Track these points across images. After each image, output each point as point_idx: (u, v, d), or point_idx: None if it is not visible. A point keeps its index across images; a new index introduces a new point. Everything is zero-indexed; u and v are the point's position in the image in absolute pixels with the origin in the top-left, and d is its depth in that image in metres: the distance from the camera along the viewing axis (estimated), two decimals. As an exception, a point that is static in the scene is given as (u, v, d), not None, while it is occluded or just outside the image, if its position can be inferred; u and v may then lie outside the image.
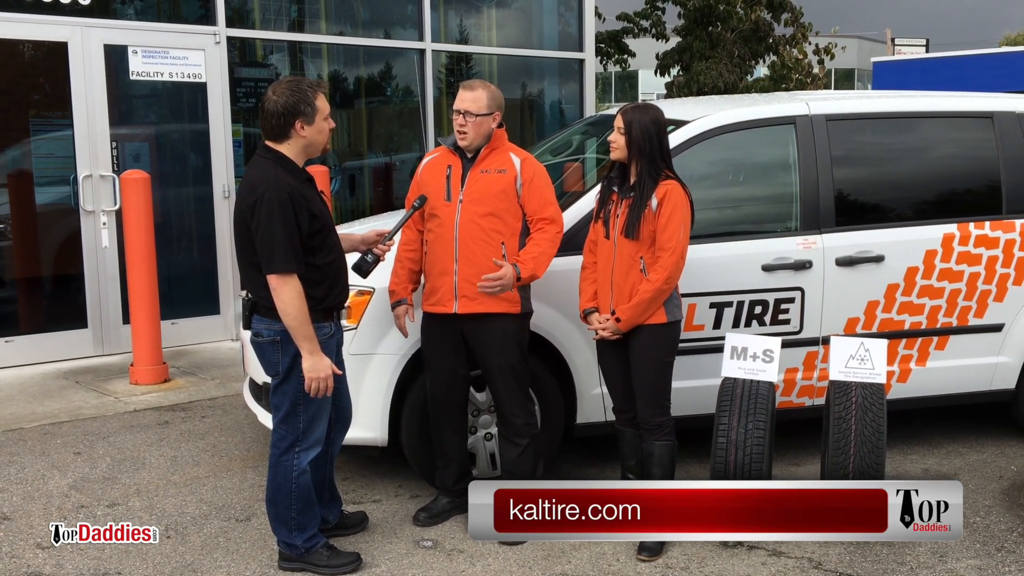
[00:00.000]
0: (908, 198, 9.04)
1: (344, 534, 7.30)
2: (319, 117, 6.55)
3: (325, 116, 6.59)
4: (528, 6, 17.25)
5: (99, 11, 12.37)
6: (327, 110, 6.62)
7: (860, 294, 8.65)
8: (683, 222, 7.09)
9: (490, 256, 7.18)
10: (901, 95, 9.88)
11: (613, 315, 7.16)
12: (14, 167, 12.27)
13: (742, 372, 7.37)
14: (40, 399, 10.83)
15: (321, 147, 6.67)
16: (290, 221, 6.35)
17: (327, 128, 6.63)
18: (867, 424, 7.20)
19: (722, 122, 8.62)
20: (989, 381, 9.15)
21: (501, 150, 7.33)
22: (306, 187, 6.58)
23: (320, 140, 6.62)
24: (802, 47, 30.41)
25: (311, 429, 6.74)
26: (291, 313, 6.35)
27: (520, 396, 7.47)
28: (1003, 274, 8.94)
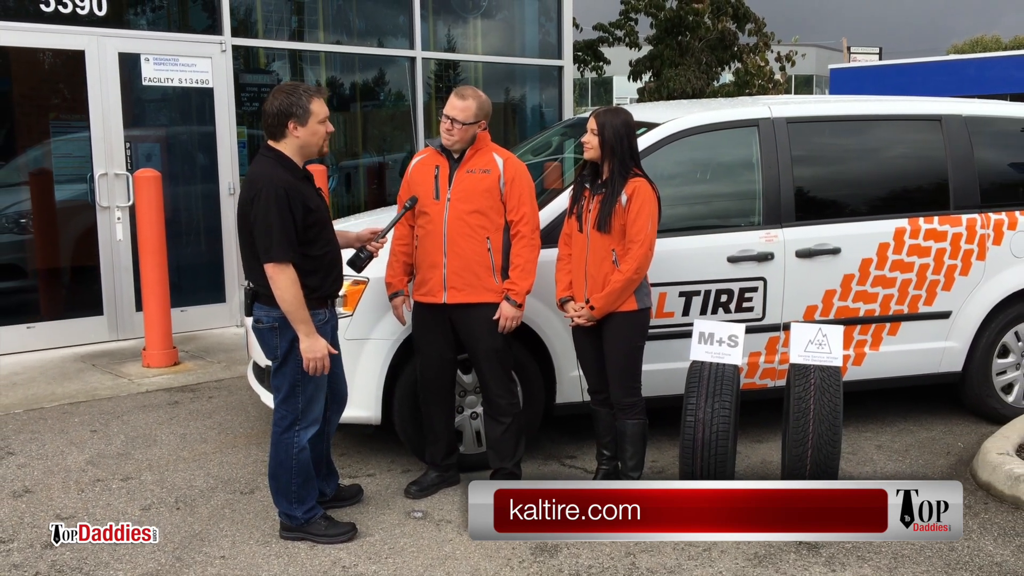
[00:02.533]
0: (863, 195, 9.04)
1: (340, 506, 7.29)
2: (312, 120, 6.55)
3: (320, 119, 6.58)
4: (511, 17, 17.22)
5: (114, 22, 12.34)
6: (323, 114, 6.60)
7: (818, 284, 8.66)
8: (651, 216, 7.13)
9: (476, 250, 7.22)
10: (856, 99, 9.89)
11: (587, 303, 7.19)
12: (35, 166, 12.24)
13: (709, 356, 7.37)
14: (59, 381, 10.81)
15: (316, 148, 6.66)
16: (285, 214, 6.38)
17: (322, 131, 6.61)
18: (825, 404, 7.20)
19: (691, 124, 8.62)
20: (938, 364, 9.16)
21: (485, 151, 7.34)
22: (303, 184, 6.59)
23: (314, 141, 6.61)
24: (764, 55, 30.49)
25: (309, 408, 6.74)
26: (287, 299, 6.38)
27: (504, 378, 7.49)
28: (950, 265, 8.96)
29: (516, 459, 7.59)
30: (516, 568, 6.49)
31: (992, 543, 6.86)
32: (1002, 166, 9.43)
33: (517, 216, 7.28)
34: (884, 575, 6.41)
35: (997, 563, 6.57)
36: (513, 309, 7.24)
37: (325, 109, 6.66)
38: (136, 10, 12.86)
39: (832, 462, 7.29)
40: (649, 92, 28.97)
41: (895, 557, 6.66)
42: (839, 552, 6.73)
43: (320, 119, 6.60)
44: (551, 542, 6.83)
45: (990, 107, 9.71)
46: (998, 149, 9.42)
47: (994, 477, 7.72)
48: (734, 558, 6.64)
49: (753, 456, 8.57)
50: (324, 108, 6.65)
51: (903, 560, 6.62)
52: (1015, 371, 9.43)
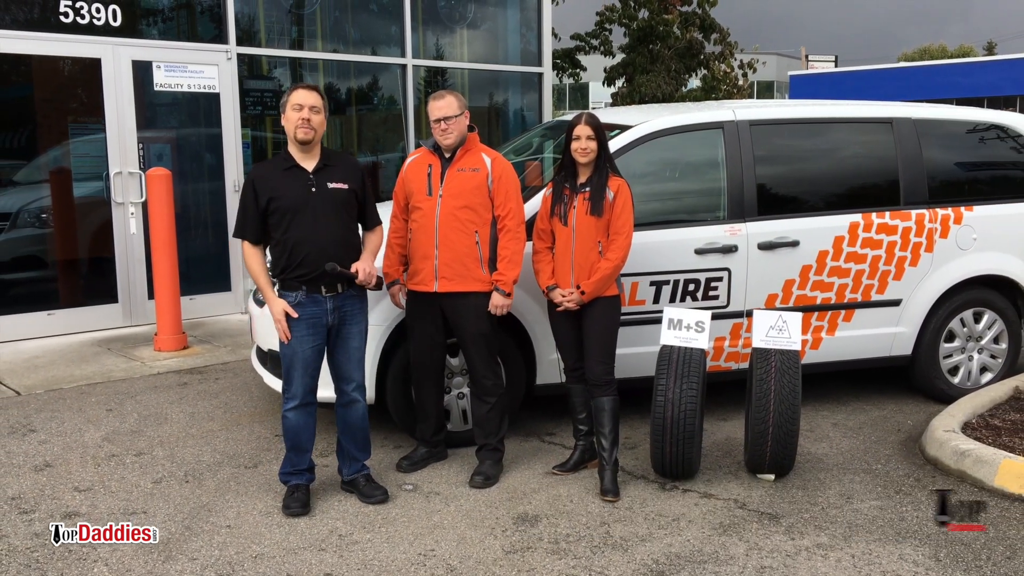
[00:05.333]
0: (820, 191, 9.04)
1: (351, 491, 7.25)
2: (288, 108, 6.68)
3: (294, 106, 6.66)
4: (495, 27, 17.19)
5: (128, 32, 12.30)
6: (296, 102, 6.66)
7: (778, 274, 8.67)
8: (632, 211, 7.25)
9: (466, 243, 7.24)
10: (814, 103, 9.88)
11: (578, 289, 7.21)
12: (55, 165, 12.20)
13: (678, 340, 7.36)
14: (77, 363, 10.77)
15: (292, 134, 6.70)
16: (247, 198, 6.78)
17: (294, 117, 6.65)
18: (784, 385, 7.21)
19: (661, 127, 8.62)
20: (889, 348, 9.18)
21: (474, 151, 7.36)
22: (283, 173, 6.74)
23: (289, 128, 6.71)
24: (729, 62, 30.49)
25: (288, 381, 6.85)
26: (248, 267, 6.82)
27: (489, 361, 7.49)
28: (901, 256, 8.97)
29: (500, 435, 7.59)
30: (499, 536, 6.49)
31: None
32: (948, 165, 9.43)
33: (504, 211, 7.29)
34: (840, 543, 6.42)
35: (944, 532, 6.58)
36: (503, 298, 7.28)
37: (302, 98, 6.68)
38: (148, 21, 12.82)
39: (791, 439, 7.31)
40: (622, 97, 28.94)
41: (850, 526, 6.67)
42: (798, 522, 6.74)
43: (293, 106, 6.67)
44: (532, 512, 6.85)
45: (937, 111, 9.71)
46: (945, 150, 9.43)
47: (941, 453, 7.74)
48: (701, 527, 6.65)
49: (718, 433, 8.58)
50: (301, 97, 6.69)
51: (857, 529, 6.63)
52: (960, 354, 9.46)
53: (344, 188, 6.81)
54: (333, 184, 6.76)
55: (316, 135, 6.70)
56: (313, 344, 6.79)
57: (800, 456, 7.91)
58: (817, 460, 7.95)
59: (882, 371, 9.82)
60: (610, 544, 6.39)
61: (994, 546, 6.38)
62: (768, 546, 6.39)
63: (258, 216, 6.71)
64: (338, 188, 6.78)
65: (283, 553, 6.24)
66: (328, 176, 6.77)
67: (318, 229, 6.70)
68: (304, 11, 14.33)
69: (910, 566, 6.11)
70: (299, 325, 6.72)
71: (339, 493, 7.20)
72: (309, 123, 6.64)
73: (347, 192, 6.81)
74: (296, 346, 6.75)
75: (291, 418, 6.86)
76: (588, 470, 7.63)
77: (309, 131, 6.65)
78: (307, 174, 6.73)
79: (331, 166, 6.81)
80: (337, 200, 6.77)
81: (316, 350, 6.82)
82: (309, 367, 6.82)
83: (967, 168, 9.60)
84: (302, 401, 6.86)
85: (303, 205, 6.68)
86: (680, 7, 29.15)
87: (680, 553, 6.27)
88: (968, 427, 8.16)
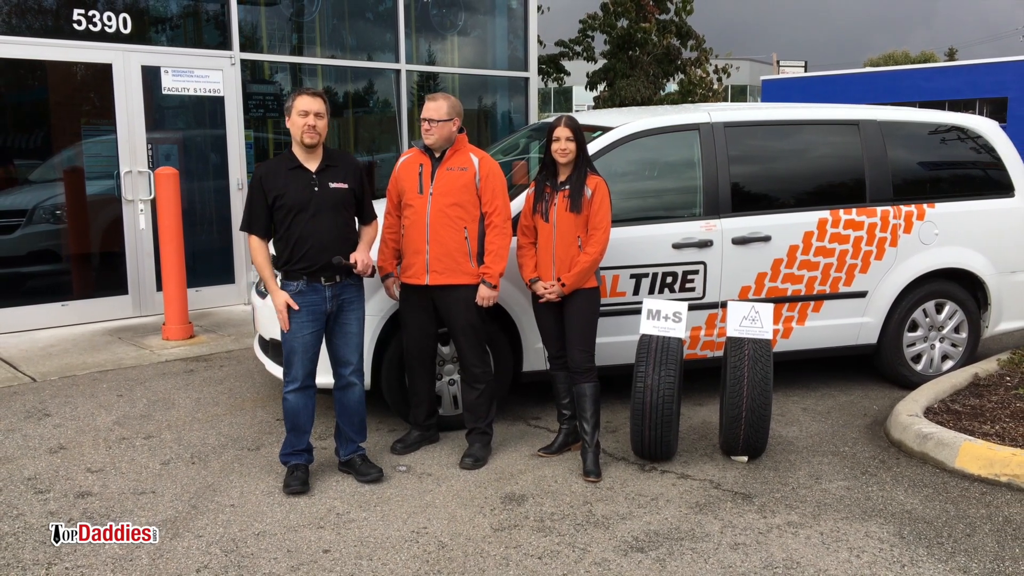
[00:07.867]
0: (790, 189, 9.02)
1: (348, 471, 7.25)
2: (293, 113, 6.70)
3: (300, 112, 6.68)
4: (484, 34, 17.17)
5: (137, 38, 12.27)
6: (302, 108, 6.68)
7: (751, 267, 8.66)
8: (609, 208, 7.24)
9: (456, 239, 7.23)
10: (785, 106, 9.86)
11: (559, 281, 7.20)
12: (69, 164, 12.15)
13: (656, 330, 7.35)
14: (89, 352, 10.74)
15: (298, 137, 6.71)
16: (255, 194, 6.79)
17: (300, 122, 6.67)
18: (757, 372, 7.20)
19: (641, 128, 8.61)
20: (856, 337, 9.18)
21: (463, 151, 7.35)
22: (288, 173, 6.76)
23: (295, 131, 6.72)
24: (704, 67, 30.48)
25: (288, 365, 6.88)
26: (253, 260, 6.86)
27: (479, 350, 7.48)
28: (867, 251, 8.96)
29: (488, 420, 7.58)
30: (488, 514, 6.47)
31: (903, 493, 6.87)
32: (912, 165, 9.42)
33: (491, 208, 7.28)
34: (809, 520, 6.41)
35: (907, 511, 6.58)
36: (489, 290, 7.27)
37: (307, 104, 6.70)
38: (157, 28, 12.77)
39: (763, 423, 7.30)
40: (603, 100, 28.96)
41: (819, 505, 6.66)
42: (770, 501, 6.73)
43: (299, 111, 6.69)
44: (518, 492, 6.84)
45: (901, 113, 9.71)
46: (908, 150, 9.43)
47: (905, 436, 7.74)
48: (678, 506, 6.64)
49: (695, 417, 8.56)
50: (306, 103, 6.70)
51: (826, 508, 6.62)
52: (923, 343, 9.45)
53: (344, 188, 6.85)
54: (334, 184, 6.80)
55: (320, 139, 6.75)
56: (313, 330, 6.83)
57: (772, 439, 7.91)
58: (788, 443, 7.95)
59: (849, 359, 9.83)
60: (592, 522, 6.38)
61: (955, 524, 6.38)
62: (741, 524, 6.38)
63: (265, 212, 6.76)
64: (339, 188, 6.82)
65: (284, 531, 6.22)
66: (330, 176, 6.81)
67: (319, 226, 6.74)
68: (304, 19, 14.30)
69: (875, 543, 6.10)
70: (299, 312, 6.76)
71: (336, 474, 7.19)
72: (314, 129, 6.69)
73: (347, 191, 6.86)
74: (296, 332, 6.78)
75: (291, 400, 6.89)
76: (571, 452, 7.62)
77: (314, 136, 6.70)
78: (310, 174, 6.76)
79: (333, 167, 6.84)
80: (337, 199, 6.81)
81: (315, 335, 6.86)
82: (309, 351, 6.85)
83: (929, 167, 9.59)
84: (302, 384, 6.88)
85: (306, 204, 6.71)
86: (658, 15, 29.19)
87: (658, 530, 6.26)
88: (930, 412, 8.16)
